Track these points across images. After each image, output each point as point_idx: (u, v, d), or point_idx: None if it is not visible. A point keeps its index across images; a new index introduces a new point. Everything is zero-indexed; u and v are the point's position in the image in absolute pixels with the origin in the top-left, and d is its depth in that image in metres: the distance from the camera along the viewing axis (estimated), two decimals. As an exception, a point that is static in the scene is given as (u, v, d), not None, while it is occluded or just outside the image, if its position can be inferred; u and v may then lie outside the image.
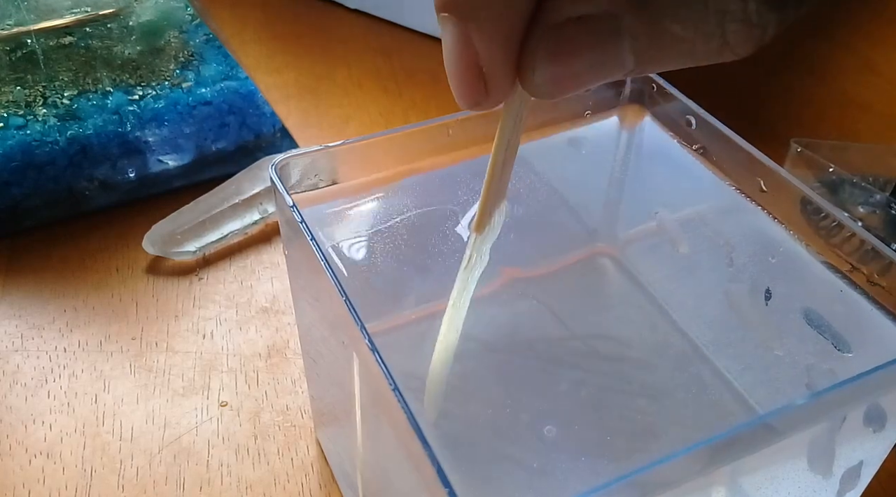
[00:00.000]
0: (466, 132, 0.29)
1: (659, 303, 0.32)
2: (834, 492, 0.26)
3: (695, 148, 0.30)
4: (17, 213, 0.42)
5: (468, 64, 0.16)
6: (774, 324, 0.28)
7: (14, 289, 0.40)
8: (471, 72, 0.16)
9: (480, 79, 0.17)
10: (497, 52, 0.16)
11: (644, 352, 0.31)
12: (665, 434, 0.28)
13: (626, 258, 0.34)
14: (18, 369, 0.36)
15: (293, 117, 0.50)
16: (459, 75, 0.17)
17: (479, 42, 0.16)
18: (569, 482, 0.26)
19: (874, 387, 0.22)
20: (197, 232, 0.41)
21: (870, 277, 0.25)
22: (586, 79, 0.17)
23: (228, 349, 0.37)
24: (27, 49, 0.41)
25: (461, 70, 0.16)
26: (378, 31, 0.59)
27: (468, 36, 0.16)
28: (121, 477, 0.32)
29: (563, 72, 0.16)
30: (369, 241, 0.29)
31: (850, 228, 0.25)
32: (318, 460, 0.33)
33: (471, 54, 0.16)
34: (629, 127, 0.32)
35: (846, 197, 0.40)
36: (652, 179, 0.33)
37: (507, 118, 0.19)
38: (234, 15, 0.59)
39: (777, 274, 0.28)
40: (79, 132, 0.41)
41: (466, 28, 0.16)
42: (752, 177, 0.28)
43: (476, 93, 0.17)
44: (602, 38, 0.16)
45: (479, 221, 0.21)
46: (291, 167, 0.27)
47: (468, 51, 0.16)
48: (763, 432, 0.20)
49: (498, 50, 0.16)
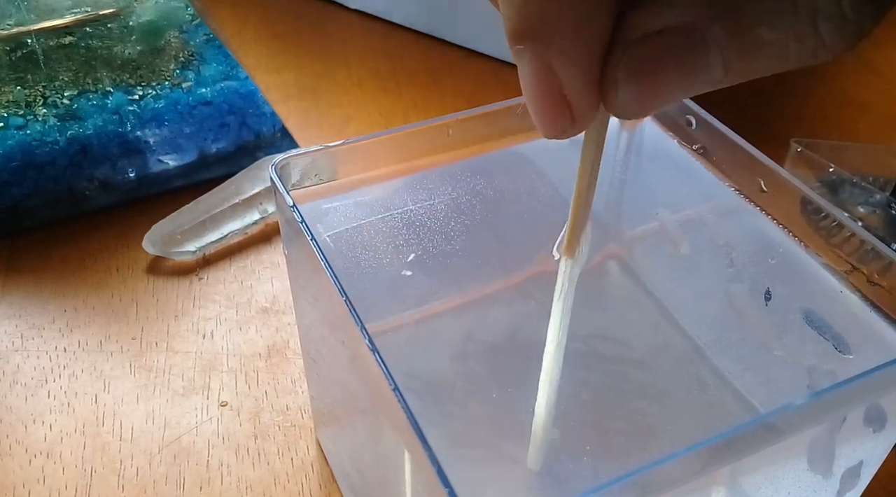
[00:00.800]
0: (466, 132, 0.29)
1: (659, 303, 0.32)
2: (834, 492, 0.26)
3: (695, 148, 0.30)
4: (17, 213, 0.42)
5: (550, 93, 0.16)
6: (775, 324, 0.28)
7: (14, 289, 0.40)
8: (555, 101, 0.16)
9: (566, 107, 0.16)
10: (581, 79, 0.16)
11: (644, 352, 0.31)
12: (665, 434, 0.28)
13: (626, 258, 0.34)
14: (18, 369, 0.36)
15: (293, 117, 0.50)
16: (543, 106, 0.16)
17: (562, 70, 0.15)
18: (569, 482, 0.26)
19: (874, 387, 0.22)
20: (197, 232, 0.41)
21: (870, 278, 0.25)
22: (672, 94, 0.16)
23: (228, 349, 0.37)
24: (27, 49, 0.41)
25: (545, 100, 0.16)
26: (378, 31, 0.59)
27: (548, 65, 0.15)
28: (121, 477, 0.32)
29: (647, 89, 0.16)
30: (370, 240, 0.29)
31: (850, 228, 0.25)
32: (318, 460, 0.33)
33: (553, 84, 0.16)
34: (629, 127, 0.32)
35: (846, 197, 0.40)
36: (652, 180, 0.33)
37: (589, 141, 0.19)
38: (234, 15, 0.59)
39: (777, 274, 0.28)
40: (79, 132, 0.41)
41: (546, 58, 0.15)
42: (753, 177, 0.28)
43: (562, 121, 0.16)
44: (687, 52, 0.15)
45: (568, 246, 0.21)
46: (291, 167, 0.27)
47: (550, 80, 0.15)
48: (763, 432, 0.20)
49: (582, 76, 0.16)
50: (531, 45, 0.15)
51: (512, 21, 0.15)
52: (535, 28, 0.15)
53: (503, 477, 0.27)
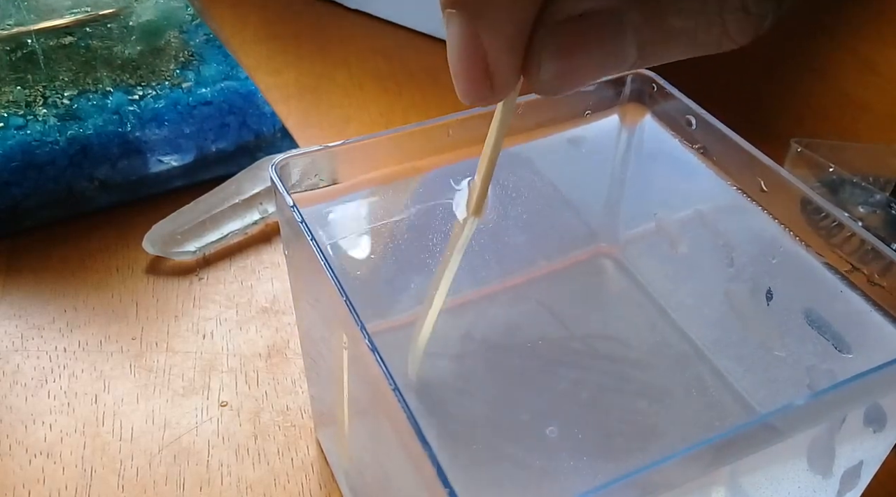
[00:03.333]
0: (466, 132, 0.29)
1: (659, 303, 0.32)
2: (834, 492, 0.26)
3: (695, 148, 0.30)
4: (17, 213, 0.42)
5: (475, 61, 0.16)
6: (775, 324, 0.28)
7: (14, 289, 0.40)
8: (477, 69, 0.17)
9: (486, 75, 0.17)
10: (505, 50, 0.16)
11: (644, 352, 0.31)
12: (665, 434, 0.28)
13: (626, 258, 0.34)
14: (18, 369, 0.36)
15: (293, 117, 0.50)
16: (465, 72, 0.17)
17: (487, 40, 0.16)
18: (569, 482, 0.26)
19: (874, 387, 0.22)
20: (197, 232, 0.41)
21: (870, 277, 0.25)
22: (590, 74, 0.17)
23: (228, 349, 0.37)
24: (27, 49, 0.41)
25: (467, 67, 0.17)
26: (378, 31, 0.59)
27: (476, 33, 0.16)
28: (121, 477, 0.32)
29: (568, 67, 0.16)
30: (369, 241, 0.29)
31: (850, 228, 0.25)
32: (318, 460, 0.33)
33: (478, 52, 0.16)
34: (629, 126, 0.32)
35: (846, 197, 0.40)
36: (652, 179, 0.33)
37: (505, 110, 0.20)
38: (234, 15, 0.59)
39: (777, 274, 0.28)
40: (79, 132, 0.41)
41: (474, 26, 0.16)
42: (753, 177, 0.28)
43: (482, 89, 0.17)
44: (605, 34, 0.16)
45: (478, 205, 0.22)
46: (291, 167, 0.27)
47: (475, 48, 0.16)
48: (763, 432, 0.20)
49: (506, 48, 0.16)
50: (463, 13, 0.16)
51: None
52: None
53: (503, 477, 0.27)
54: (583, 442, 0.27)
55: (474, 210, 0.22)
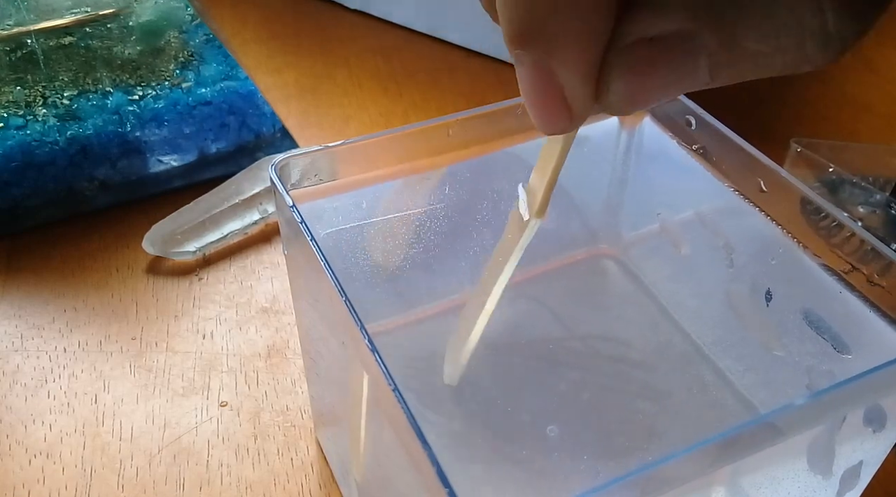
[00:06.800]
0: (466, 132, 0.29)
1: (660, 303, 0.32)
2: (834, 492, 0.26)
3: (695, 148, 0.30)
4: (17, 213, 0.42)
5: (551, 96, 0.16)
6: (775, 325, 0.28)
7: (14, 289, 0.40)
8: (555, 103, 0.16)
9: (564, 107, 0.16)
10: (580, 83, 0.16)
11: (645, 352, 0.31)
12: (666, 434, 0.28)
13: (626, 259, 0.34)
14: (18, 369, 0.36)
15: (293, 117, 0.50)
16: (544, 107, 0.17)
17: (564, 75, 0.16)
18: (569, 482, 0.26)
19: (874, 387, 0.22)
20: (197, 232, 0.41)
21: (870, 278, 0.25)
22: (660, 95, 0.17)
23: (228, 349, 0.37)
24: (27, 49, 0.41)
25: (546, 102, 0.16)
26: (378, 31, 0.59)
27: (549, 69, 0.16)
28: (121, 477, 0.32)
29: (637, 89, 0.16)
30: (370, 241, 0.29)
31: (850, 228, 0.25)
32: (318, 460, 0.33)
33: (555, 87, 0.16)
34: (629, 127, 0.32)
35: (846, 197, 0.40)
36: (652, 180, 0.33)
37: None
38: (234, 15, 0.59)
39: (777, 275, 0.28)
40: (79, 132, 0.41)
41: (547, 63, 0.16)
42: (752, 177, 0.28)
43: (561, 120, 0.17)
44: (677, 56, 0.16)
45: (542, 208, 0.22)
46: (291, 167, 0.27)
47: (551, 84, 0.16)
48: (763, 432, 0.20)
49: (582, 80, 0.16)
50: (533, 51, 0.16)
51: (513, 25, 0.16)
52: (537, 34, 0.16)
53: (503, 477, 0.27)
54: (583, 442, 0.27)
55: (538, 212, 0.23)
